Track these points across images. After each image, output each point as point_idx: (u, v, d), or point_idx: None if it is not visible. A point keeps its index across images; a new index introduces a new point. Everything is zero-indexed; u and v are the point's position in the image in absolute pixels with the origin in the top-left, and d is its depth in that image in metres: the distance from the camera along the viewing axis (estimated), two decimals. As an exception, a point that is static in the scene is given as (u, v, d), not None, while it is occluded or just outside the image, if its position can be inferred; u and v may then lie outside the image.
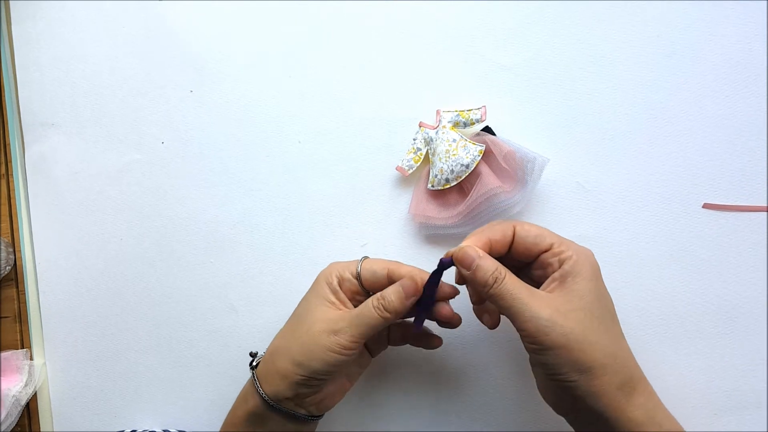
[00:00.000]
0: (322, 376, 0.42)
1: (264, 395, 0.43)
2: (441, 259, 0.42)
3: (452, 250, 0.41)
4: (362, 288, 0.45)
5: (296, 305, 0.47)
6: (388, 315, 0.41)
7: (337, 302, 0.44)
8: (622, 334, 0.40)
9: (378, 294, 0.42)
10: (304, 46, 0.57)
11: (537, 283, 0.41)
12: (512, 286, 0.39)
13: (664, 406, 0.40)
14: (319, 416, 0.46)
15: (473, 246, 0.41)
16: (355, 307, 0.44)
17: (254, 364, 0.46)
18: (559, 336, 0.36)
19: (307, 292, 0.46)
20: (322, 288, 0.44)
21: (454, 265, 0.42)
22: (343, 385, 0.47)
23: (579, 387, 0.37)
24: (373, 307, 0.42)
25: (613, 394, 0.37)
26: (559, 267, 0.39)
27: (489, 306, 0.45)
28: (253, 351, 0.48)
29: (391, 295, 0.42)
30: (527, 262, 0.43)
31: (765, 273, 0.48)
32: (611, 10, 0.52)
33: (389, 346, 0.49)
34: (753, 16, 0.50)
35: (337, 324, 0.42)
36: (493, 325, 0.45)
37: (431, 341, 0.48)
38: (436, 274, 0.42)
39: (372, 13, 0.56)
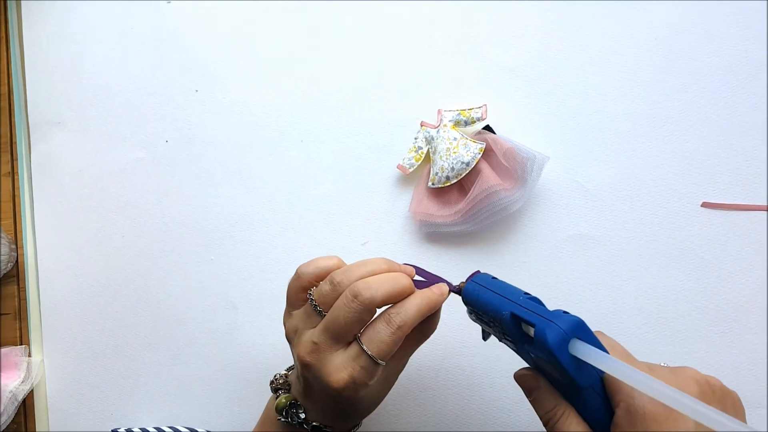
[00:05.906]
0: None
1: None
2: (452, 290, 0.40)
3: (517, 371, 0.38)
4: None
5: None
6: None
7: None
8: None
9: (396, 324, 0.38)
10: (308, 47, 0.58)
11: None
12: (565, 428, 0.35)
13: None
14: None
15: (536, 374, 0.38)
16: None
17: (303, 417, 0.41)
18: None
19: None
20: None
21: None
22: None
23: None
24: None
25: None
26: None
27: None
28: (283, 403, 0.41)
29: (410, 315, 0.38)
30: None
31: (764, 272, 0.48)
32: (610, 12, 0.53)
33: None
34: (751, 18, 0.51)
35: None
36: None
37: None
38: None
39: (375, 14, 0.57)
